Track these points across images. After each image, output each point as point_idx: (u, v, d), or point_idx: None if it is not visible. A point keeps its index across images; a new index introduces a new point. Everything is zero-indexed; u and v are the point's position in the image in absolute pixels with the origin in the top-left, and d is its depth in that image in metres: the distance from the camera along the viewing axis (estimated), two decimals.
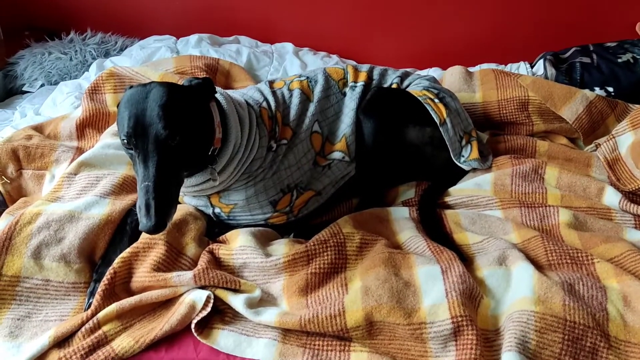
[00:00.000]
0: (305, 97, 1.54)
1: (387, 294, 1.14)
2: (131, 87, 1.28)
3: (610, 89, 2.03)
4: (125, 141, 1.18)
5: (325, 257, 1.27)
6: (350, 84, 1.62)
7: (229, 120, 1.33)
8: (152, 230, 1.11)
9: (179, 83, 1.76)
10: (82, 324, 1.16)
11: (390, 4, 2.46)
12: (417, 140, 1.58)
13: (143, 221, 1.11)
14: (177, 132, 1.16)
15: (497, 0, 2.38)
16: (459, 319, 1.08)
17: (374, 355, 1.12)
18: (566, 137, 1.83)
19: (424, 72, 2.33)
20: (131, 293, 1.25)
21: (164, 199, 1.13)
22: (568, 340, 1.05)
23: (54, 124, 1.81)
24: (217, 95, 1.36)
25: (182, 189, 1.39)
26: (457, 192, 1.55)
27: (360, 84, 1.61)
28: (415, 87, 1.66)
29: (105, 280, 1.22)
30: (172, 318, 1.16)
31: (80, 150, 1.71)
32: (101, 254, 1.34)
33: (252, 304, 1.20)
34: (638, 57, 2.07)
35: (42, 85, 2.43)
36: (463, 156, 1.60)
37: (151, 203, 1.11)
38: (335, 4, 2.50)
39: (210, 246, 1.34)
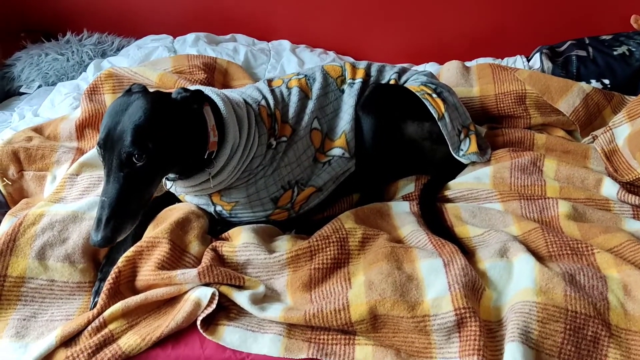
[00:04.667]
0: (304, 95, 1.55)
1: (391, 287, 1.15)
2: (129, 88, 1.27)
3: (607, 82, 2.04)
4: (97, 151, 1.19)
5: (328, 253, 1.28)
6: (348, 81, 1.62)
7: (226, 122, 1.33)
8: (98, 245, 1.13)
9: (176, 84, 1.74)
10: (88, 323, 1.17)
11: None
12: (416, 135, 1.59)
13: (91, 235, 1.14)
14: (145, 151, 1.15)
15: None
16: (462, 311, 1.09)
17: (378, 348, 1.13)
18: (563, 129, 1.84)
19: (421, 68, 2.34)
20: (136, 291, 1.26)
21: (118, 215, 1.14)
22: (570, 330, 1.07)
23: (53, 125, 1.81)
24: (214, 97, 1.36)
25: (182, 189, 1.40)
26: (457, 185, 1.56)
27: (358, 80, 1.61)
28: (413, 83, 1.67)
29: (110, 279, 1.23)
30: (177, 315, 1.16)
31: (80, 151, 1.71)
32: (105, 254, 1.35)
33: (257, 300, 1.21)
34: (633, 49, 2.08)
35: (39, 87, 2.42)
36: (462, 150, 1.61)
37: (103, 218, 1.13)
38: (331, 0, 2.50)
39: (214, 244, 1.34)
